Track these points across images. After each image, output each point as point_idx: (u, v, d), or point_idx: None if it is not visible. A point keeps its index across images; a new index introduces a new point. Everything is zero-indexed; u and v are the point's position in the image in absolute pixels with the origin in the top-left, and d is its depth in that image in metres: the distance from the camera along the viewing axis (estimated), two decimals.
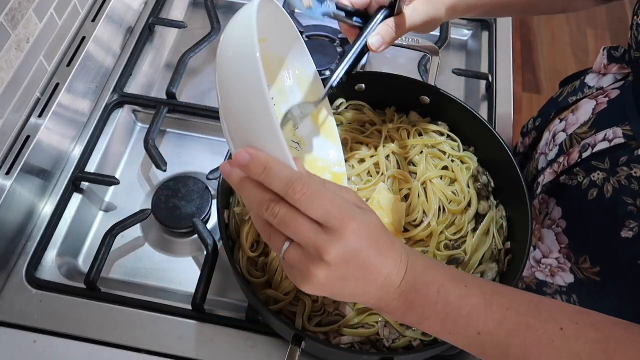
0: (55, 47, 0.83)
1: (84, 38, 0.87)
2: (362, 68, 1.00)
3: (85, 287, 0.72)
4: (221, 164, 0.46)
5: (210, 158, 0.87)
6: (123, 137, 0.90)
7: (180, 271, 0.78)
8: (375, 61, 1.01)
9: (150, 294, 0.74)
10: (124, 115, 0.90)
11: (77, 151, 0.84)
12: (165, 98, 0.89)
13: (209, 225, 0.79)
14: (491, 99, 0.93)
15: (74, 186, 0.80)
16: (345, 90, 0.79)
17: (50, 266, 0.75)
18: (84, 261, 0.79)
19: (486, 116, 0.91)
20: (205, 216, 0.78)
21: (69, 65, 0.84)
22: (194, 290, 0.70)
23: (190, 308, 0.71)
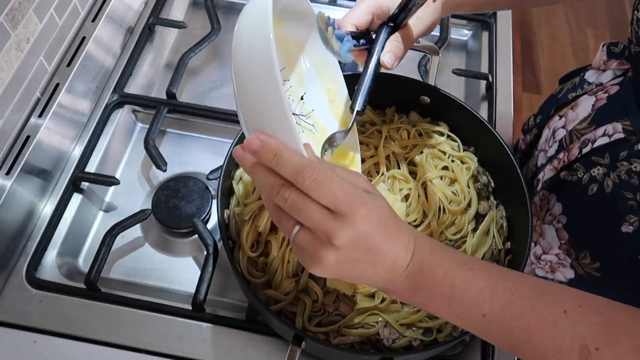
0: (55, 47, 0.83)
1: (84, 38, 0.87)
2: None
3: (85, 287, 0.72)
4: (234, 148, 0.46)
5: (210, 158, 0.87)
6: (123, 137, 0.90)
7: (180, 271, 0.78)
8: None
9: (150, 294, 0.74)
10: (124, 115, 0.90)
11: (77, 151, 0.84)
12: (165, 98, 0.89)
13: (209, 225, 0.79)
14: (491, 99, 0.93)
15: (74, 186, 0.80)
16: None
17: (50, 266, 0.75)
18: (84, 261, 0.79)
19: (486, 116, 0.91)
20: (205, 216, 0.78)
21: (69, 65, 0.84)
22: (194, 290, 0.70)
23: (190, 308, 0.71)
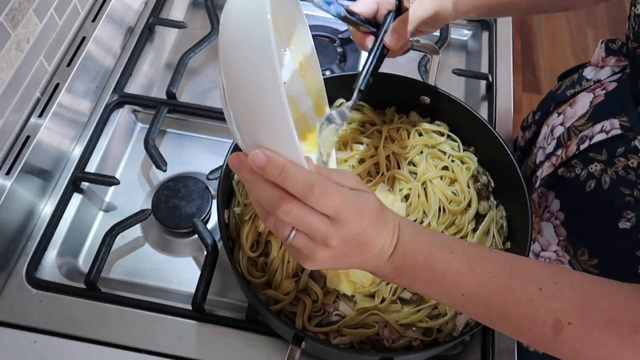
0: (55, 47, 0.83)
1: (84, 38, 0.87)
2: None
3: (85, 287, 0.72)
4: (229, 155, 0.46)
5: (210, 158, 0.87)
6: (123, 137, 0.90)
7: (180, 271, 0.78)
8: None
9: (150, 294, 0.74)
10: (124, 115, 0.90)
11: (77, 151, 0.84)
12: (165, 98, 0.89)
13: (209, 225, 0.79)
14: (491, 99, 0.93)
15: (74, 186, 0.80)
16: (346, 90, 0.79)
17: (50, 266, 0.75)
18: (84, 261, 0.79)
19: (486, 116, 0.91)
20: (205, 216, 0.78)
21: (69, 65, 0.84)
22: (194, 290, 0.70)
23: (190, 308, 0.71)
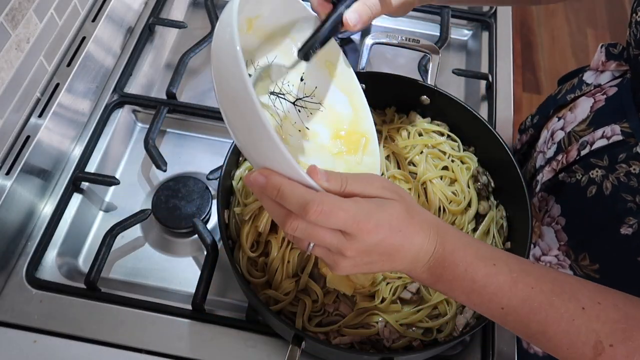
0: (55, 47, 0.83)
1: (84, 38, 0.87)
2: (362, 68, 1.00)
3: (85, 287, 0.72)
4: (246, 175, 0.48)
5: (210, 158, 0.87)
6: (123, 137, 0.90)
7: (180, 271, 0.78)
8: (375, 61, 1.01)
9: (150, 294, 0.74)
10: (124, 115, 0.90)
11: (77, 151, 0.84)
12: (165, 98, 0.89)
13: (209, 225, 0.79)
14: (491, 99, 0.93)
15: (74, 186, 0.80)
16: None
17: (50, 266, 0.75)
18: (84, 261, 0.79)
19: (486, 116, 0.91)
20: (205, 216, 0.78)
21: (69, 65, 0.84)
22: (194, 290, 0.70)
23: (190, 308, 0.71)
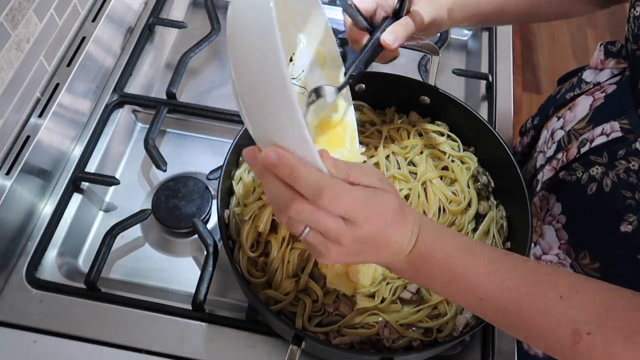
0: (55, 47, 0.83)
1: (84, 38, 0.87)
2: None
3: (85, 287, 0.72)
4: (246, 148, 0.46)
5: (210, 158, 0.87)
6: (123, 137, 0.90)
7: (180, 271, 0.78)
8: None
9: (150, 294, 0.74)
10: (124, 115, 0.90)
11: (77, 151, 0.84)
12: (165, 98, 0.89)
13: (209, 225, 0.79)
14: (491, 99, 0.93)
15: (74, 186, 0.80)
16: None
17: (50, 266, 0.75)
18: (84, 261, 0.79)
19: (486, 116, 0.91)
20: (205, 216, 0.78)
21: (69, 65, 0.84)
22: (194, 290, 0.70)
23: (190, 308, 0.71)
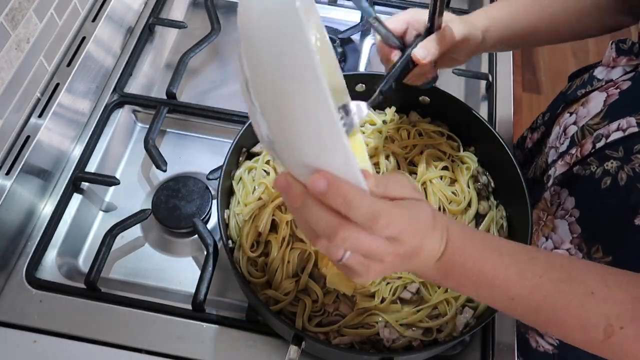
0: (55, 47, 0.83)
1: (84, 38, 0.87)
2: (363, 68, 1.00)
3: (85, 287, 0.72)
4: (276, 177, 0.43)
5: (210, 158, 0.87)
6: (123, 137, 0.90)
7: (180, 271, 0.78)
8: (376, 61, 1.01)
9: (150, 294, 0.74)
10: (124, 115, 0.90)
11: (77, 151, 0.84)
12: (165, 98, 0.89)
13: (209, 225, 0.79)
14: (491, 99, 0.93)
15: (74, 186, 0.80)
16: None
17: (50, 266, 0.75)
18: (84, 261, 0.79)
19: (486, 116, 0.91)
20: (205, 216, 0.78)
21: (69, 65, 0.84)
22: (194, 290, 0.70)
23: (190, 308, 0.71)
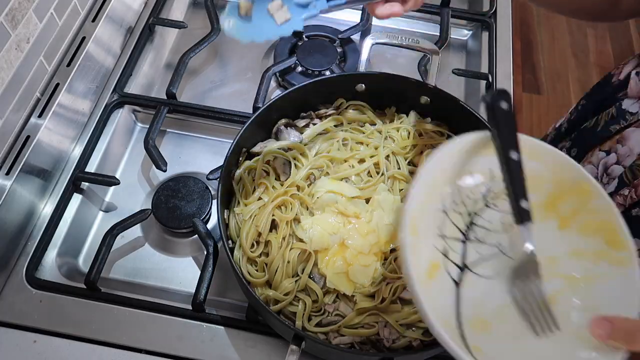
0: (55, 47, 0.83)
1: (84, 38, 0.87)
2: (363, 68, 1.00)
3: (85, 287, 0.72)
4: (595, 321, 0.49)
5: (210, 158, 0.87)
6: (123, 137, 0.90)
7: (180, 271, 0.78)
8: (376, 61, 1.01)
9: (150, 294, 0.74)
10: (124, 115, 0.90)
11: (77, 151, 0.84)
12: (165, 98, 0.89)
13: (209, 225, 0.79)
14: None
15: (74, 186, 0.80)
16: (346, 90, 0.79)
17: (50, 266, 0.75)
18: (84, 261, 0.79)
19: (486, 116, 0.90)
20: (205, 216, 0.78)
21: (69, 65, 0.84)
22: (194, 290, 0.70)
23: (190, 308, 0.71)
